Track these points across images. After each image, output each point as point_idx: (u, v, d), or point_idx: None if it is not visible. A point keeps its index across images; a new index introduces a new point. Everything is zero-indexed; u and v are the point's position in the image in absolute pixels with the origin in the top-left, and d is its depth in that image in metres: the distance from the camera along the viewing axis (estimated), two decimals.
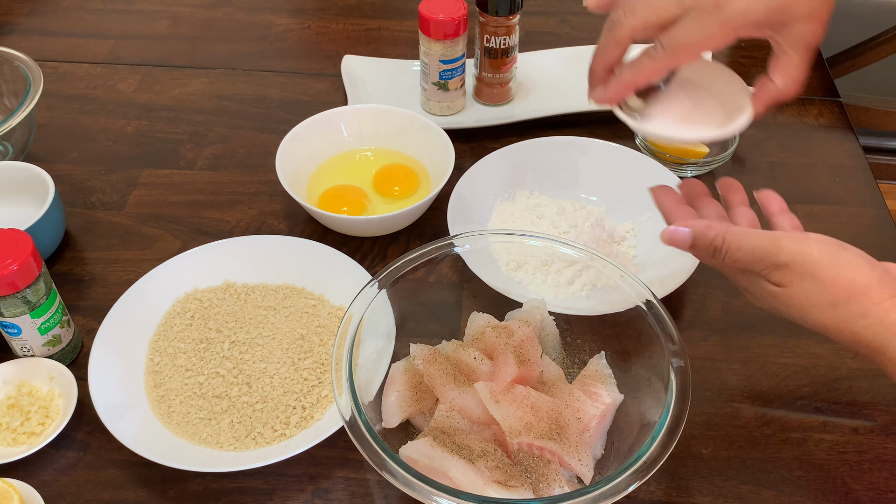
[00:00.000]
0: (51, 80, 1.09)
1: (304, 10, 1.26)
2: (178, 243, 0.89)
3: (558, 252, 0.74)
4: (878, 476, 0.69)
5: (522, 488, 0.61)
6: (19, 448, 0.69)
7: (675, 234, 0.61)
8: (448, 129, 0.94)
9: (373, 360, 0.69)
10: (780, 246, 0.58)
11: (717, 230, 0.59)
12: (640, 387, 0.66)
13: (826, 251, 0.59)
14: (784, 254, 0.57)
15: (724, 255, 0.59)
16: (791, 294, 0.58)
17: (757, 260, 0.58)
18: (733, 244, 0.59)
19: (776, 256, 0.58)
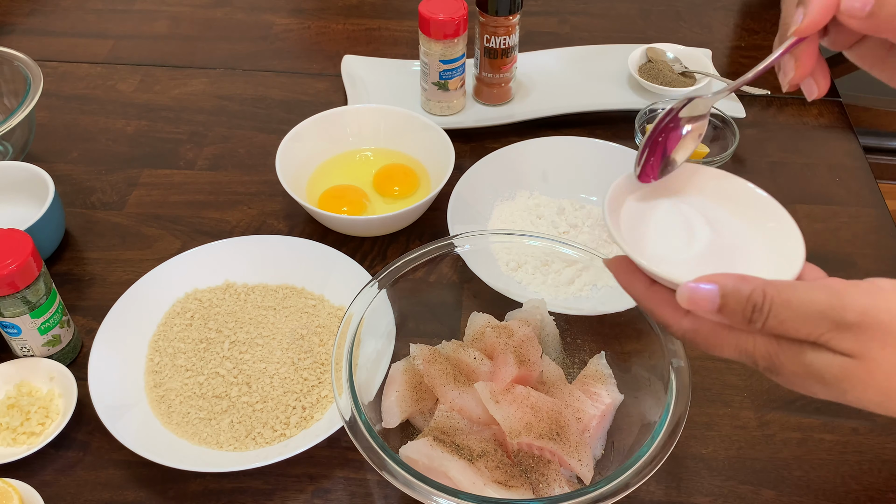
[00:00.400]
0: (51, 80, 1.09)
1: (304, 10, 1.26)
2: (178, 243, 0.89)
3: (558, 252, 0.74)
4: (878, 476, 0.69)
5: (522, 488, 0.61)
6: (19, 448, 0.69)
7: (697, 292, 0.45)
8: (448, 129, 0.94)
9: (373, 360, 0.69)
10: (844, 300, 0.42)
11: (755, 284, 0.44)
12: (640, 387, 0.66)
13: None
14: (852, 310, 0.42)
15: (766, 317, 0.43)
16: (871, 368, 0.42)
17: (814, 320, 0.42)
18: (778, 299, 0.43)
19: (841, 315, 0.42)
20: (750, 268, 0.48)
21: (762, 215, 0.52)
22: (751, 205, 0.53)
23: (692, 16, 1.24)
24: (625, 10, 1.25)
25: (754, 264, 0.50)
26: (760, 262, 0.50)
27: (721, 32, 1.21)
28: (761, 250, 0.51)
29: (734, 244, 0.52)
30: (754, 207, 0.53)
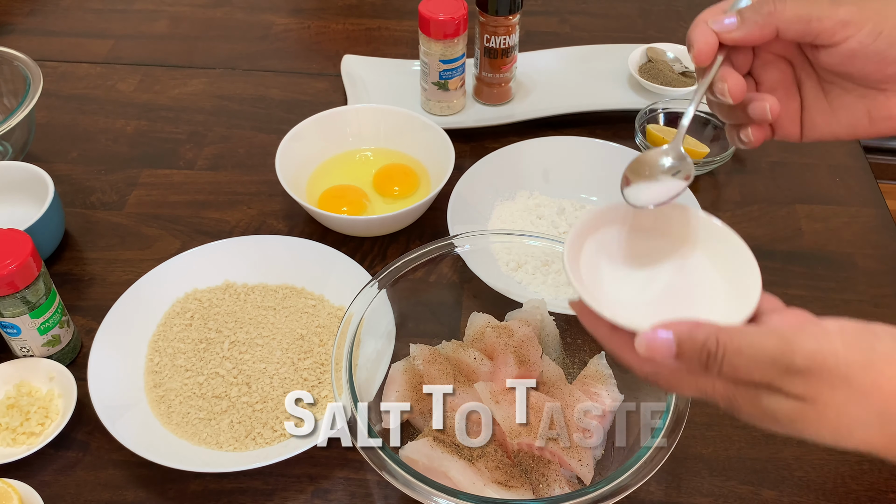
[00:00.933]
0: (50, 80, 1.09)
1: (304, 10, 1.26)
2: (177, 243, 0.89)
3: (558, 252, 0.74)
4: (878, 476, 0.69)
5: (522, 488, 0.61)
6: (19, 448, 0.69)
7: (655, 341, 0.46)
8: (448, 129, 0.94)
9: (373, 360, 0.69)
10: (794, 345, 0.43)
11: (708, 331, 0.45)
12: (640, 387, 0.66)
13: (854, 345, 0.44)
14: (801, 355, 0.43)
15: (720, 363, 0.44)
16: (821, 409, 0.43)
17: (765, 366, 0.43)
18: (731, 346, 0.44)
19: (791, 360, 0.43)
20: (709, 309, 0.49)
21: (720, 247, 0.53)
22: (710, 237, 0.53)
23: (692, 16, 1.22)
24: (625, 10, 1.24)
25: (712, 304, 0.50)
26: (718, 301, 0.51)
27: None
28: (719, 288, 0.51)
29: (692, 283, 0.52)
30: (713, 239, 0.53)
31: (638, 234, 0.55)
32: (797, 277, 0.85)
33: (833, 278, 0.85)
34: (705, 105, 1.02)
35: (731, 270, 0.51)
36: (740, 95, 0.54)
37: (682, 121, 0.55)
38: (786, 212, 0.93)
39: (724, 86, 0.54)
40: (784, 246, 0.89)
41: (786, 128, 0.57)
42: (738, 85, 0.54)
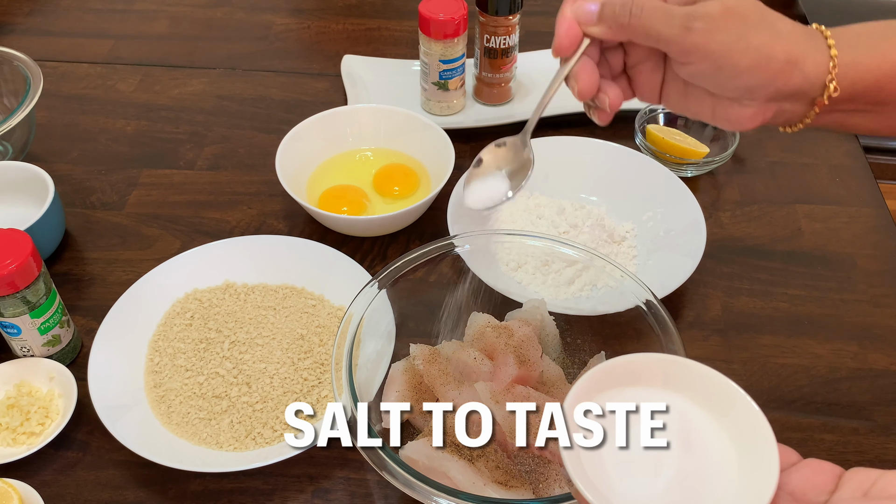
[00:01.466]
0: (51, 80, 1.09)
1: (304, 10, 1.26)
2: (178, 243, 0.89)
3: (558, 252, 0.74)
4: None
5: (522, 488, 0.61)
6: (19, 448, 0.69)
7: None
8: (448, 129, 0.94)
9: (373, 360, 0.69)
10: None
11: None
12: None
13: None
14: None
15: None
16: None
17: None
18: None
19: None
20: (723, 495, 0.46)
21: (728, 407, 0.49)
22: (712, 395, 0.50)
23: None
24: None
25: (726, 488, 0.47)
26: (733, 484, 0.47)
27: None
28: (732, 464, 0.48)
29: (703, 464, 0.48)
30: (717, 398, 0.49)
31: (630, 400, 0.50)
32: (797, 277, 0.85)
33: (833, 278, 0.85)
34: None
35: (740, 434, 0.49)
36: (588, 95, 0.58)
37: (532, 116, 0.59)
38: (786, 212, 0.93)
39: (574, 85, 0.58)
40: (784, 246, 0.89)
41: (646, 95, 0.61)
42: (588, 86, 0.57)
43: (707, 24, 0.52)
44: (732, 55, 0.53)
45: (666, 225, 0.87)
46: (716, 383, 0.49)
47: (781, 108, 0.56)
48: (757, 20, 0.53)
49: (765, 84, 0.54)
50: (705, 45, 0.53)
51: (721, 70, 0.53)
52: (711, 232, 0.87)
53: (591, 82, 0.57)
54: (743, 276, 0.86)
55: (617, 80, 0.60)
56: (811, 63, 0.54)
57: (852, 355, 0.78)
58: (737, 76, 0.53)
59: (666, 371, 0.50)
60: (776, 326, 0.81)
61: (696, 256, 0.80)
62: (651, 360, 0.51)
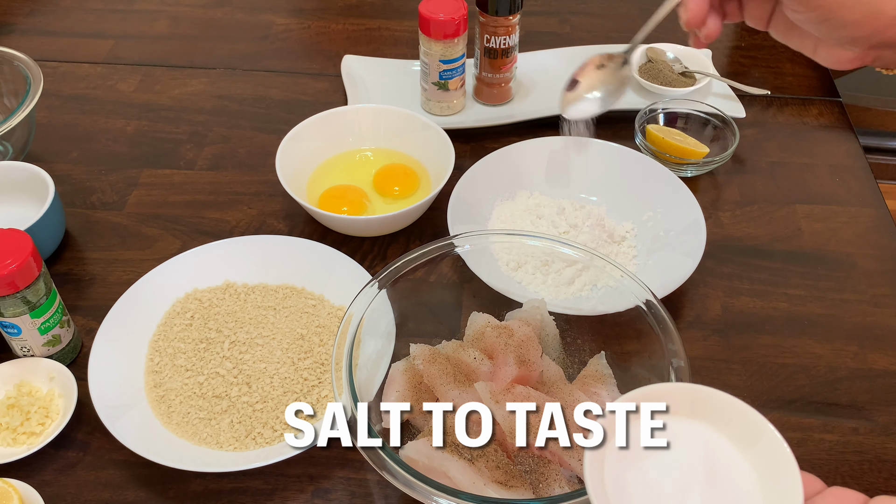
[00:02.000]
0: (51, 80, 1.09)
1: (304, 10, 1.26)
2: (178, 243, 0.89)
3: (558, 252, 0.74)
4: (878, 476, 0.69)
5: (522, 488, 0.61)
6: (19, 448, 0.69)
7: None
8: (448, 129, 0.94)
9: (373, 360, 0.69)
10: None
11: None
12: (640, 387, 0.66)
13: None
14: None
15: None
16: None
17: None
18: None
19: None
20: None
21: (754, 439, 0.49)
22: (732, 422, 0.50)
23: None
24: (625, 10, 1.24)
25: None
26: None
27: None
28: (756, 495, 0.48)
29: (727, 495, 0.48)
30: (746, 430, 0.50)
31: None
32: (797, 277, 0.86)
33: (833, 278, 0.85)
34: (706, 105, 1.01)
35: (765, 466, 0.49)
36: (695, 25, 0.60)
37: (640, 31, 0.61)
38: (786, 212, 0.93)
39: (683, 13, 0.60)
40: (784, 246, 0.89)
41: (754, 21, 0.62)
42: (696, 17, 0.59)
43: None
44: (841, 9, 0.54)
45: (666, 225, 0.87)
46: (742, 414, 0.49)
47: (882, 55, 0.57)
48: None
49: (870, 36, 0.55)
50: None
51: (828, 21, 0.55)
52: (711, 232, 0.87)
53: (700, 12, 0.59)
54: (743, 276, 0.86)
55: (728, 2, 0.62)
56: None
57: (852, 355, 0.78)
58: (843, 27, 0.55)
59: (693, 400, 0.50)
60: (776, 326, 0.81)
61: (696, 256, 0.80)
62: (678, 389, 0.51)
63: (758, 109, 1.06)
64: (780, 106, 1.07)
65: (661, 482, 0.48)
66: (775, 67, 1.13)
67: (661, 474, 0.48)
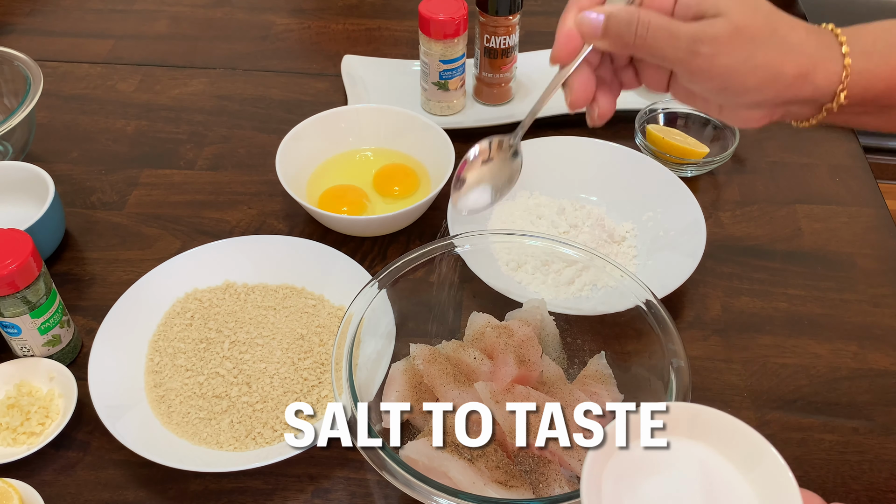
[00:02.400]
0: (51, 80, 1.09)
1: (304, 10, 1.26)
2: (178, 243, 0.89)
3: (558, 252, 0.74)
4: (878, 476, 0.69)
5: (522, 488, 0.61)
6: (19, 448, 0.69)
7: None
8: (448, 129, 0.94)
9: (373, 360, 0.69)
10: None
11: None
12: (640, 387, 0.66)
13: None
14: None
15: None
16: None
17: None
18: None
19: None
20: None
21: (754, 461, 0.48)
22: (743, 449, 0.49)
23: None
24: None
25: None
26: None
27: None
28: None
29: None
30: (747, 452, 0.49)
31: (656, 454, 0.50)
32: (797, 277, 0.85)
33: (833, 278, 0.85)
34: None
35: (765, 488, 0.48)
36: (580, 106, 0.58)
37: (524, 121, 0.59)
38: (786, 212, 0.93)
39: (568, 93, 0.58)
40: (784, 246, 0.89)
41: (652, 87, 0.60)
42: (581, 98, 0.58)
43: (713, 49, 0.51)
44: (739, 76, 0.52)
45: (666, 225, 0.87)
46: (743, 435, 0.49)
47: (789, 111, 0.56)
48: (766, 36, 0.51)
49: (773, 98, 0.53)
50: (711, 68, 0.52)
51: (727, 89, 0.53)
52: (711, 232, 0.87)
53: (585, 93, 0.57)
54: (743, 276, 0.86)
55: (622, 71, 0.59)
56: (822, 74, 0.52)
57: (852, 355, 0.78)
58: (744, 93, 0.53)
59: (692, 420, 0.50)
60: (776, 326, 0.81)
61: (696, 256, 0.80)
62: (677, 408, 0.50)
63: None
64: None
65: (660, 503, 0.48)
66: None
67: (659, 495, 0.48)
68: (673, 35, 0.51)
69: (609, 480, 0.49)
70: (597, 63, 0.58)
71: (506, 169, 0.62)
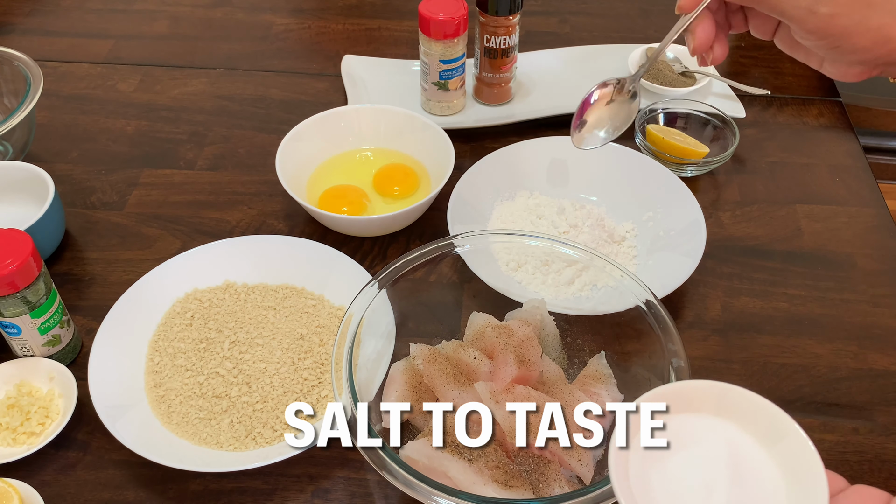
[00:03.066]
0: (51, 80, 1.09)
1: (304, 10, 1.26)
2: (178, 243, 0.89)
3: (558, 252, 0.74)
4: (878, 476, 0.69)
5: (522, 488, 0.61)
6: (19, 448, 0.69)
7: None
8: (448, 129, 0.94)
9: (373, 360, 0.69)
10: None
11: None
12: (640, 387, 0.66)
13: None
14: None
15: None
16: None
17: None
18: None
19: None
20: None
21: (778, 436, 0.49)
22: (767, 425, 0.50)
23: None
24: (625, 10, 1.24)
25: None
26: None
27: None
28: (781, 493, 0.48)
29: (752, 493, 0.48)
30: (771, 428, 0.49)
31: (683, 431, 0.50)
32: (797, 277, 0.86)
33: (833, 278, 0.85)
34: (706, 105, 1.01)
35: (790, 464, 0.48)
36: (701, 52, 0.61)
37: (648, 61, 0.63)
38: (786, 212, 0.93)
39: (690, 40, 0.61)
40: (784, 246, 0.89)
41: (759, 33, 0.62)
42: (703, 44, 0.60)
43: (831, 9, 0.54)
44: (852, 36, 0.54)
45: (666, 225, 0.87)
46: (767, 412, 0.50)
47: (887, 70, 0.58)
48: (882, 2, 0.54)
49: (878, 59, 0.56)
50: (827, 27, 0.54)
51: (838, 48, 0.55)
52: (711, 232, 0.87)
53: (707, 39, 0.60)
54: (743, 276, 0.86)
55: (734, 14, 0.62)
56: None
57: (852, 355, 0.78)
58: (853, 53, 0.55)
59: (719, 398, 0.51)
60: (776, 326, 0.81)
61: (696, 256, 0.80)
62: (704, 387, 0.51)
63: (758, 109, 1.06)
64: (780, 106, 1.07)
65: (686, 480, 0.48)
66: (775, 67, 1.13)
67: (685, 472, 0.49)
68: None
69: (636, 456, 0.49)
70: (715, 7, 0.61)
71: (624, 110, 0.67)
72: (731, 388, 0.51)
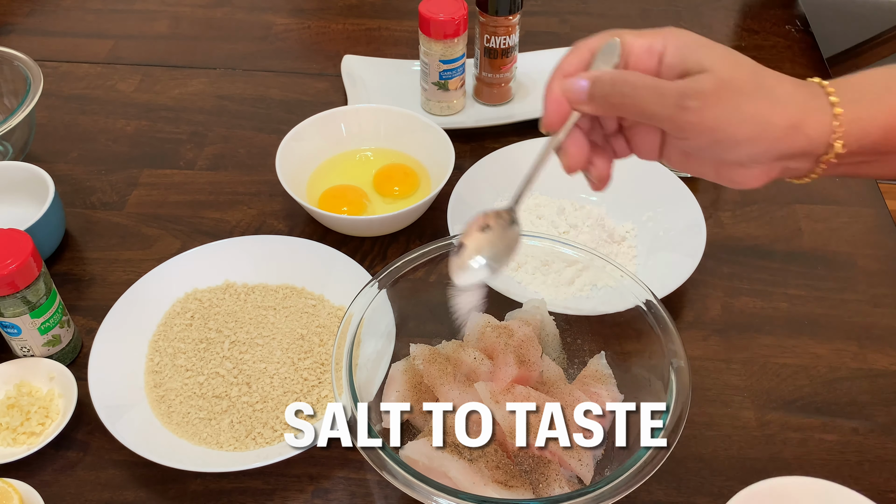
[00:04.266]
0: (51, 80, 1.09)
1: (304, 10, 1.26)
2: (178, 243, 0.89)
3: (558, 252, 0.74)
4: (878, 476, 0.69)
5: (522, 488, 0.61)
6: (19, 448, 0.69)
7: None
8: (448, 129, 0.94)
9: (373, 360, 0.69)
10: None
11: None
12: (640, 387, 0.66)
13: None
14: None
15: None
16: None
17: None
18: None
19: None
20: None
21: None
22: None
23: (692, 16, 1.24)
24: (625, 10, 1.24)
25: None
26: None
27: (721, 32, 1.21)
28: None
29: None
30: None
31: None
32: (797, 277, 0.85)
33: (833, 278, 0.85)
34: None
35: None
36: (576, 170, 0.57)
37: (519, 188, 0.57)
38: (786, 212, 0.93)
39: (563, 158, 0.57)
40: (784, 246, 0.89)
41: (644, 155, 0.58)
42: (577, 161, 0.57)
43: (701, 102, 0.50)
44: (729, 128, 0.51)
45: (666, 225, 0.87)
46: None
47: (787, 167, 0.55)
48: (753, 89, 0.51)
49: (766, 151, 0.52)
50: (700, 122, 0.51)
51: (719, 143, 0.52)
52: (711, 232, 0.87)
53: (580, 157, 0.56)
54: (743, 276, 0.86)
55: (613, 139, 0.58)
56: (814, 124, 0.52)
57: (852, 355, 0.78)
58: (736, 147, 0.52)
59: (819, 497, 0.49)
60: (776, 326, 0.81)
61: (696, 256, 0.80)
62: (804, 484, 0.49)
63: None
64: None
65: None
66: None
67: None
68: (660, 92, 0.51)
69: None
70: (588, 128, 0.57)
71: (504, 237, 0.61)
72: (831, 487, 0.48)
